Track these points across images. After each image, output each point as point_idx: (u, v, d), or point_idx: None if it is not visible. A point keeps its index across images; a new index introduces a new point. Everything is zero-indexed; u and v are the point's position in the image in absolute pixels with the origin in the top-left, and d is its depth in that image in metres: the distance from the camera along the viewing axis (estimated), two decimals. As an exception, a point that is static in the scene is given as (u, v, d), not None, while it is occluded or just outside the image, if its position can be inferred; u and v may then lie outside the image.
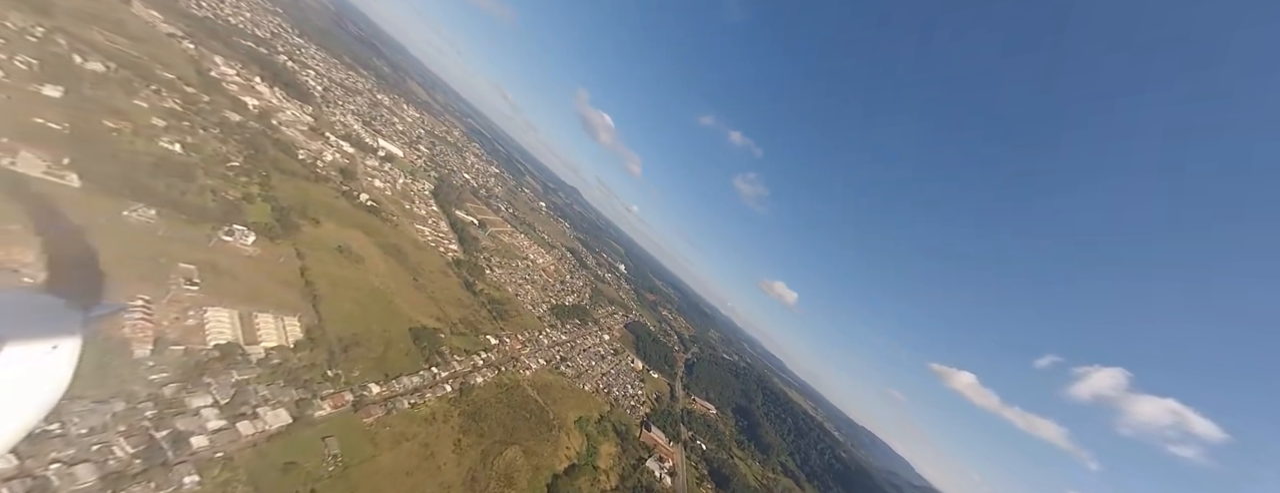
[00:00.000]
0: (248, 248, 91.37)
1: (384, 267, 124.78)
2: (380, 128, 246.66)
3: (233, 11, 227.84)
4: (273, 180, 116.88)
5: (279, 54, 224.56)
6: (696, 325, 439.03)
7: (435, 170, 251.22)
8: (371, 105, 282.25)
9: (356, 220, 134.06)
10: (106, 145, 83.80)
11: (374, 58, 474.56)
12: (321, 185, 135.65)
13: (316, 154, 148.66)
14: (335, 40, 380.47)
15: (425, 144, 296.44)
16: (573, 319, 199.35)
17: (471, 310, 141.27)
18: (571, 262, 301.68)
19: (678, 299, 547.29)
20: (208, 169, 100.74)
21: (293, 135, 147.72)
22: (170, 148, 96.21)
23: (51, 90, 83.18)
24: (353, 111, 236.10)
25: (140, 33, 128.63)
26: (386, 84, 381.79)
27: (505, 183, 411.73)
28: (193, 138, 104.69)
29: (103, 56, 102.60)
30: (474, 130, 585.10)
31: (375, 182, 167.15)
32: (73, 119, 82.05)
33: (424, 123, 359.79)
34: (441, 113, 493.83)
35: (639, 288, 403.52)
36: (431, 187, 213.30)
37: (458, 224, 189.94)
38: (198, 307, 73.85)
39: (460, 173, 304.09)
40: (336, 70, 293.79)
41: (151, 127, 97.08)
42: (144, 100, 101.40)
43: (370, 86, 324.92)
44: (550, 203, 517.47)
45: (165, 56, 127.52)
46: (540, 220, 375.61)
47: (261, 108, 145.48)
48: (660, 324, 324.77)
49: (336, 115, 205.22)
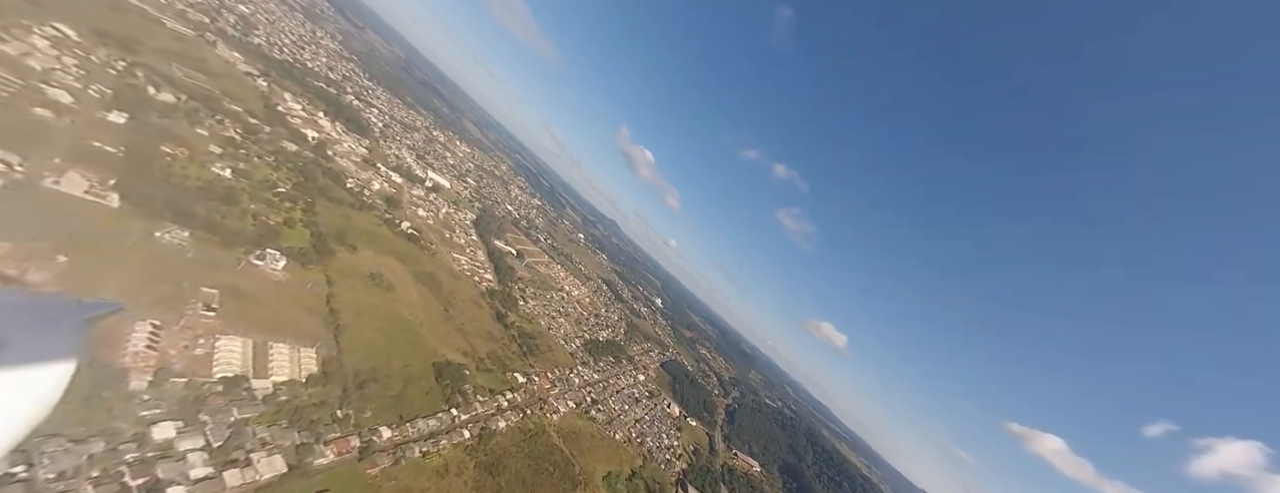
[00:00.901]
0: (277, 273, 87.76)
1: (415, 295, 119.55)
2: (432, 161, 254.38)
3: (311, 56, 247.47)
4: (317, 207, 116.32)
5: (347, 94, 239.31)
6: (737, 366, 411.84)
7: (479, 201, 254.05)
8: (427, 141, 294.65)
9: (395, 248, 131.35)
10: (157, 169, 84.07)
11: (435, 99, 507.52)
12: (365, 213, 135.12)
13: (365, 183, 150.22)
14: (401, 84, 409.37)
15: (473, 177, 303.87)
16: (606, 356, 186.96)
17: (501, 344, 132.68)
18: (607, 294, 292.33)
19: (716, 337, 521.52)
20: (254, 194, 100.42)
21: (345, 165, 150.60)
22: (221, 173, 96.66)
23: (117, 117, 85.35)
24: (408, 146, 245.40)
25: (219, 70, 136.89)
26: (443, 122, 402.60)
27: (546, 214, 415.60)
28: (245, 165, 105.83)
29: (176, 89, 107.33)
30: (521, 165, 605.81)
31: (419, 211, 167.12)
32: (130, 143, 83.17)
33: (474, 158, 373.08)
34: (492, 149, 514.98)
35: (676, 324, 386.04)
36: (473, 216, 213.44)
37: (495, 254, 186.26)
38: (211, 335, 68.72)
39: (504, 204, 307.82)
40: (398, 109, 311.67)
41: (207, 153, 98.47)
42: (206, 129, 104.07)
43: (428, 124, 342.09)
44: (589, 235, 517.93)
45: (237, 92, 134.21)
46: (578, 252, 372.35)
47: (319, 139, 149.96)
48: (698, 364, 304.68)
49: (392, 149, 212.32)
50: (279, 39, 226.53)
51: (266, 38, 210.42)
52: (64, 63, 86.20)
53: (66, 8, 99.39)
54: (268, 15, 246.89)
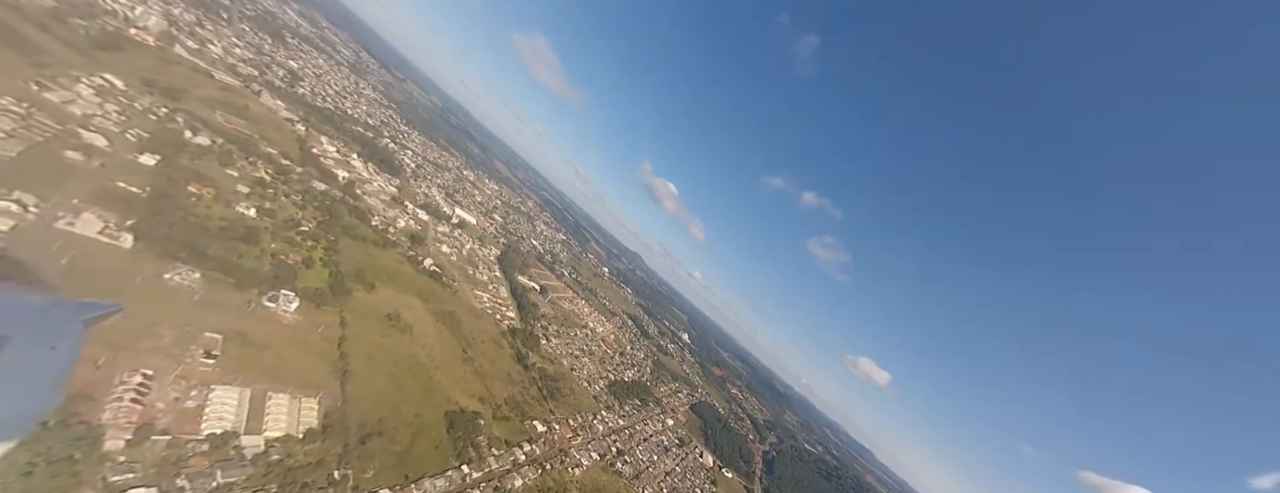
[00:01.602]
0: (288, 315, 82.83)
1: (433, 336, 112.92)
2: (460, 199, 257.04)
3: (352, 104, 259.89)
4: (339, 245, 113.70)
5: (383, 137, 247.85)
6: (771, 407, 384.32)
7: (505, 237, 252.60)
8: (457, 180, 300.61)
9: (415, 286, 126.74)
10: (179, 209, 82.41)
11: (467, 141, 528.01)
12: (389, 250, 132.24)
13: (391, 221, 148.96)
14: (436, 128, 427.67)
15: (500, 213, 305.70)
16: (633, 399, 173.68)
17: (521, 388, 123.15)
18: (632, 330, 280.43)
19: (747, 375, 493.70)
20: (276, 233, 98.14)
21: (373, 203, 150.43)
22: (244, 212, 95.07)
23: (148, 159, 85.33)
24: (438, 185, 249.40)
25: (259, 116, 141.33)
26: (474, 162, 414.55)
27: (571, 249, 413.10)
28: (271, 204, 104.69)
29: (213, 133, 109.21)
30: (547, 201, 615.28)
31: (443, 247, 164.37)
32: (156, 184, 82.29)
33: (502, 195, 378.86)
34: (519, 186, 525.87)
35: (704, 361, 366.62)
36: (498, 252, 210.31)
37: (518, 290, 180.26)
38: (206, 385, 62.69)
39: (529, 239, 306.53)
40: (432, 151, 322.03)
41: (234, 193, 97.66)
42: (236, 170, 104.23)
43: (459, 164, 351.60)
44: (613, 268, 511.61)
45: (274, 136, 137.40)
46: (602, 286, 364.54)
47: (350, 179, 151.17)
48: (730, 405, 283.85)
49: (421, 188, 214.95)
50: (323, 89, 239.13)
51: (311, 88, 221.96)
52: (105, 109, 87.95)
53: (119, 61, 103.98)
54: (315, 69, 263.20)
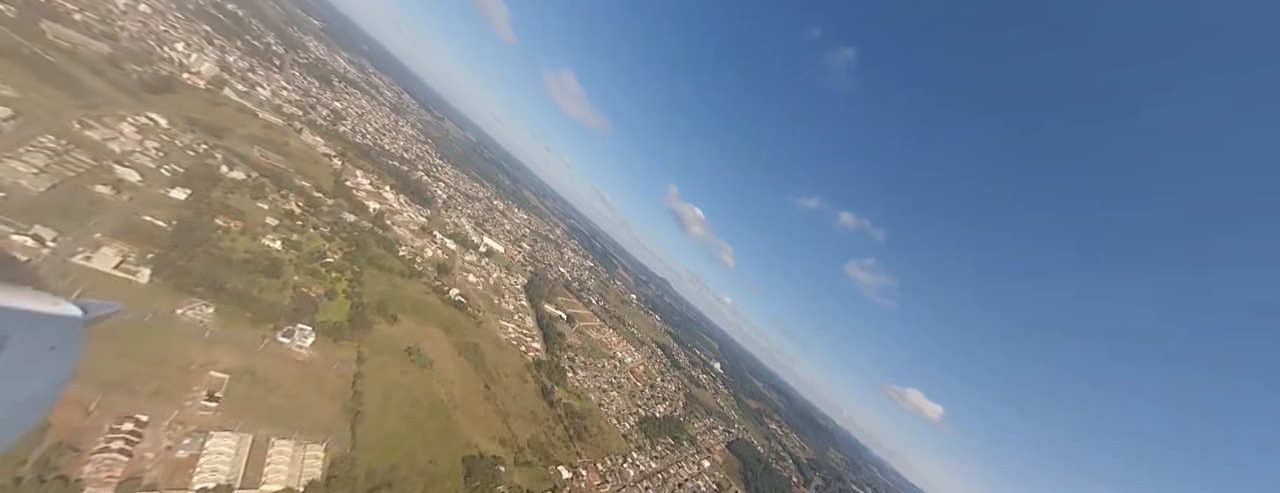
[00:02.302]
0: (303, 351, 77.80)
1: (454, 371, 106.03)
2: (489, 227, 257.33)
3: (390, 141, 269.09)
4: (365, 276, 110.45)
5: (417, 171, 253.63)
6: (813, 444, 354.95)
7: (532, 265, 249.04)
8: (487, 209, 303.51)
9: (439, 317, 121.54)
10: (204, 242, 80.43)
11: (499, 173, 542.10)
12: (414, 281, 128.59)
13: (418, 251, 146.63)
14: (469, 161, 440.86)
15: (528, 241, 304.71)
16: (665, 437, 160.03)
17: (545, 427, 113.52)
18: (663, 360, 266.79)
19: (785, 407, 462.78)
20: (300, 265, 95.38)
21: (401, 234, 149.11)
22: (270, 245, 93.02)
23: (179, 193, 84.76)
24: (469, 215, 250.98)
25: (298, 152, 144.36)
26: (504, 192, 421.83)
27: (598, 275, 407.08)
28: (299, 236, 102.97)
29: (249, 167, 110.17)
30: (574, 229, 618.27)
31: (469, 276, 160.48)
32: (184, 218, 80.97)
33: (531, 223, 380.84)
34: (548, 215, 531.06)
35: (738, 393, 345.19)
36: (525, 280, 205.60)
37: (544, 319, 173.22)
38: (205, 431, 56.89)
39: (556, 267, 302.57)
40: (464, 182, 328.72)
41: (262, 225, 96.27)
42: (267, 203, 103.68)
43: (490, 194, 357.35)
44: (641, 295, 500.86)
45: (310, 170, 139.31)
46: (630, 313, 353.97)
47: (381, 210, 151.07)
48: (769, 443, 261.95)
49: (451, 217, 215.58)
50: (363, 127, 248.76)
51: (352, 126, 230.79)
52: (145, 146, 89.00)
53: (167, 102, 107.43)
54: (358, 109, 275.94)
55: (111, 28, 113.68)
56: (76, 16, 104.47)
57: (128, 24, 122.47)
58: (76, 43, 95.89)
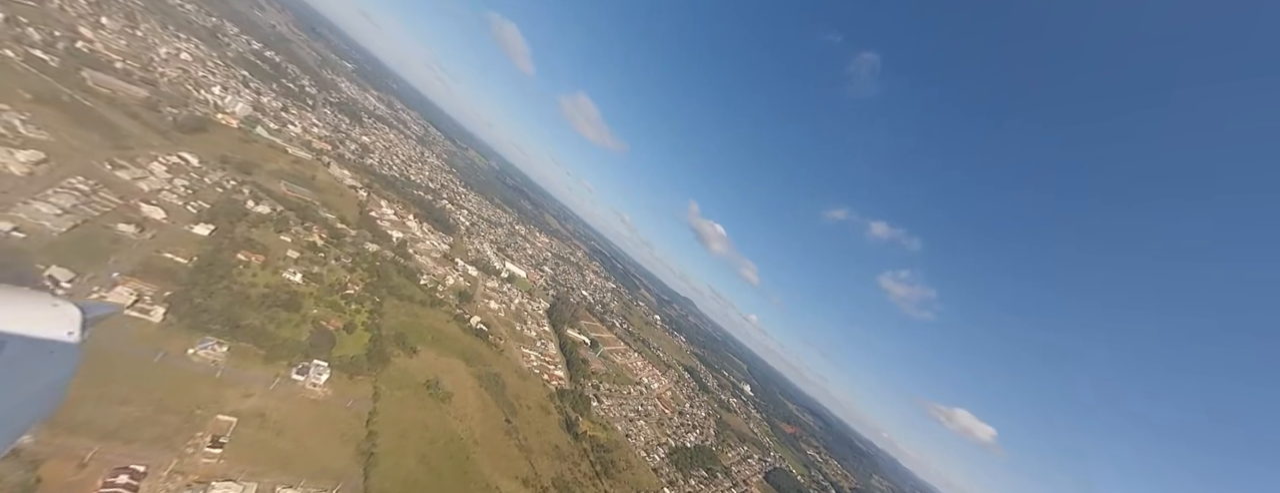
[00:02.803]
0: (317, 389, 73.85)
1: (474, 404, 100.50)
2: (511, 252, 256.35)
3: (416, 172, 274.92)
4: (385, 306, 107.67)
5: (442, 199, 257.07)
6: (855, 471, 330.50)
7: (554, 288, 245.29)
8: (509, 235, 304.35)
9: (460, 347, 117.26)
10: (223, 278, 78.80)
11: (521, 199, 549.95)
12: (435, 310, 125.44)
13: (440, 279, 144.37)
14: (492, 188, 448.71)
15: (550, 265, 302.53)
16: (697, 469, 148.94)
17: (570, 464, 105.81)
18: (691, 384, 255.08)
19: (821, 431, 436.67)
20: (320, 298, 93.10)
21: (423, 262, 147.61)
22: (290, 278, 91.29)
23: (202, 229, 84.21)
24: (491, 240, 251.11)
25: (325, 185, 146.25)
26: (526, 218, 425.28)
27: (621, 297, 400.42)
28: (320, 268, 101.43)
29: (275, 202, 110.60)
30: (596, 250, 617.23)
31: (491, 303, 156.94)
32: (205, 253, 79.84)
33: (552, 247, 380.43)
34: (569, 238, 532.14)
35: (772, 416, 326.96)
36: (547, 305, 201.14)
37: (567, 345, 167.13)
38: (205, 481, 52.49)
39: (578, 290, 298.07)
40: (486, 209, 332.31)
41: (284, 259, 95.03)
42: (290, 236, 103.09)
43: (512, 220, 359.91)
44: (665, 315, 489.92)
45: (336, 202, 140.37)
46: (655, 335, 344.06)
47: (403, 239, 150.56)
48: (809, 471, 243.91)
49: (474, 244, 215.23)
50: (390, 160, 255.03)
51: (379, 159, 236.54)
52: (174, 184, 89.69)
53: (199, 141, 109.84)
54: (385, 142, 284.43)
55: (151, 74, 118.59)
56: (118, 65, 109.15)
57: (168, 71, 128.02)
58: (115, 89, 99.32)
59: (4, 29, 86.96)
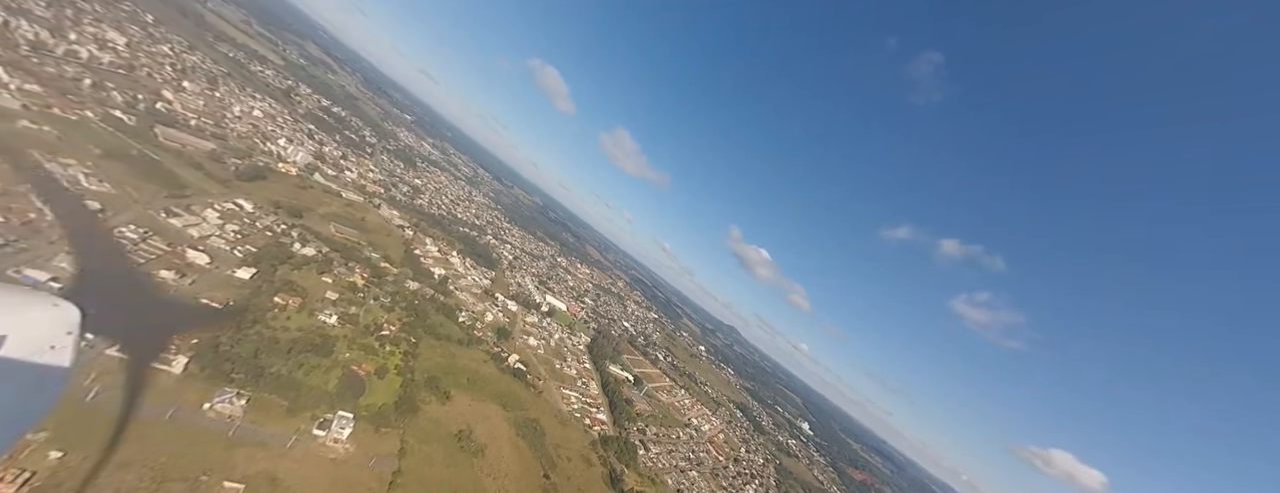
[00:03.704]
0: (338, 445, 66.36)
1: (510, 458, 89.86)
2: (552, 285, 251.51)
3: (463, 209, 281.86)
4: (420, 347, 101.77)
5: (486, 235, 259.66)
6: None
7: (596, 321, 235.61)
8: (551, 267, 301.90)
9: (496, 389, 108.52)
10: (257, 322, 75.25)
11: (563, 232, 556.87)
12: (472, 349, 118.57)
13: (479, 315, 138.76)
14: (535, 223, 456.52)
15: (591, 297, 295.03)
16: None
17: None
18: (744, 425, 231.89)
19: (893, 475, 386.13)
20: (353, 341, 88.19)
21: (463, 298, 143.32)
22: (326, 320, 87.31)
23: (244, 272, 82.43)
24: (532, 273, 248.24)
25: (373, 226, 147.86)
26: (568, 250, 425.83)
27: (663, 327, 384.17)
28: (357, 308, 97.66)
29: (321, 243, 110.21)
30: (636, 279, 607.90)
31: (530, 340, 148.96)
32: (241, 297, 77.13)
33: (593, 277, 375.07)
34: (610, 268, 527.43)
35: (836, 459, 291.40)
36: (588, 339, 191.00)
37: (610, 384, 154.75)
38: (196, 569, 44.41)
39: (620, 321, 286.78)
40: (529, 242, 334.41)
41: (322, 300, 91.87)
42: (332, 277, 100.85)
43: (553, 252, 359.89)
44: (710, 346, 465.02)
45: (382, 241, 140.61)
46: (701, 369, 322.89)
47: (445, 275, 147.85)
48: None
49: (515, 278, 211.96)
50: (439, 199, 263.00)
51: (429, 199, 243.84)
52: (225, 230, 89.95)
53: (257, 189, 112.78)
54: (436, 184, 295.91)
55: (222, 129, 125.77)
56: (192, 122, 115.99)
57: (238, 126, 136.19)
58: (184, 143, 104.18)
59: (90, 92, 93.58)
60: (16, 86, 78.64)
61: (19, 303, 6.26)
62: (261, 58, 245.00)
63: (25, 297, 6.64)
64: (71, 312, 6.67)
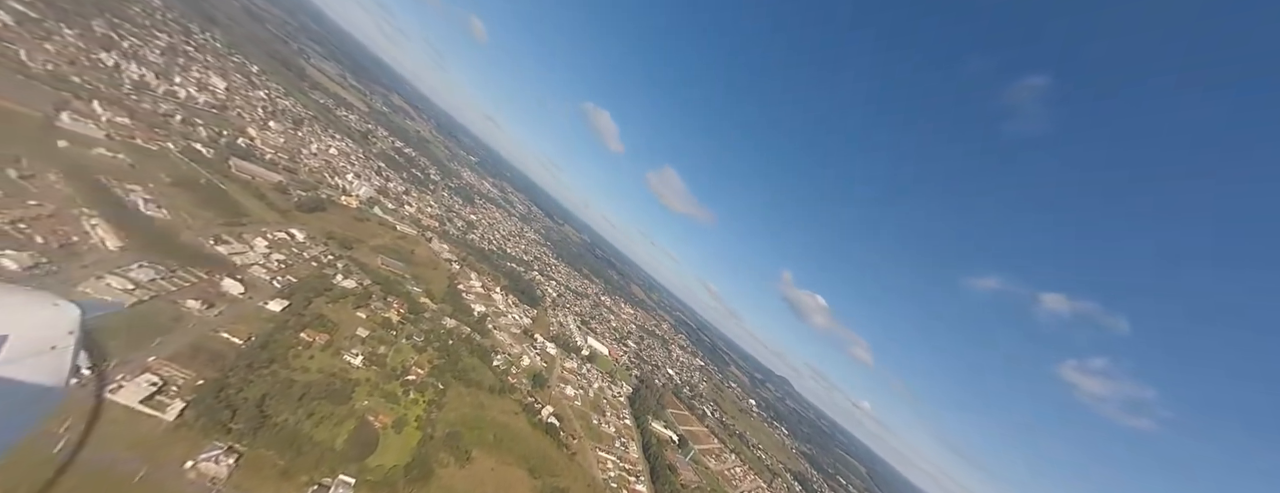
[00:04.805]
0: (329, 521, 54.66)
1: (531, 542, 73.79)
2: (595, 326, 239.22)
3: (513, 245, 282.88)
4: (448, 395, 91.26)
5: (532, 271, 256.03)
6: None
7: (638, 368, 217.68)
8: (594, 306, 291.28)
9: (525, 450, 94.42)
10: (275, 361, 68.20)
11: (608, 270, 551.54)
12: (504, 398, 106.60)
13: (515, 359, 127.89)
14: (582, 260, 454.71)
15: (634, 339, 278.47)
16: None
17: None
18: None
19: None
20: (376, 386, 79.22)
21: (501, 339, 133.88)
22: (350, 361, 79.50)
23: (276, 305, 77.39)
24: (575, 312, 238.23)
25: (421, 259, 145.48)
26: (612, 288, 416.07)
27: (710, 376, 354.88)
28: (387, 348, 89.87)
29: (364, 275, 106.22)
30: (681, 321, 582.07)
31: (567, 389, 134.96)
32: (265, 332, 71.08)
33: (637, 318, 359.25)
34: (654, 308, 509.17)
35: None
36: (629, 390, 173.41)
37: (651, 445, 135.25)
38: None
39: (664, 368, 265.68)
40: (574, 280, 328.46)
41: (350, 337, 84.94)
42: (367, 312, 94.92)
43: (597, 290, 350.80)
44: (760, 399, 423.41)
45: (427, 274, 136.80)
46: (752, 427, 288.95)
47: (485, 313, 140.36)
48: None
49: (557, 317, 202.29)
50: (491, 235, 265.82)
51: (481, 234, 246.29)
52: (270, 259, 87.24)
53: (314, 219, 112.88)
54: (490, 219, 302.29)
55: (295, 164, 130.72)
56: (268, 156, 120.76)
57: (312, 162, 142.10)
58: (255, 174, 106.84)
59: (177, 127, 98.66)
60: (107, 119, 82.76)
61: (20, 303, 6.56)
62: (348, 105, 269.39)
63: (26, 297, 6.64)
64: (72, 311, 7.11)
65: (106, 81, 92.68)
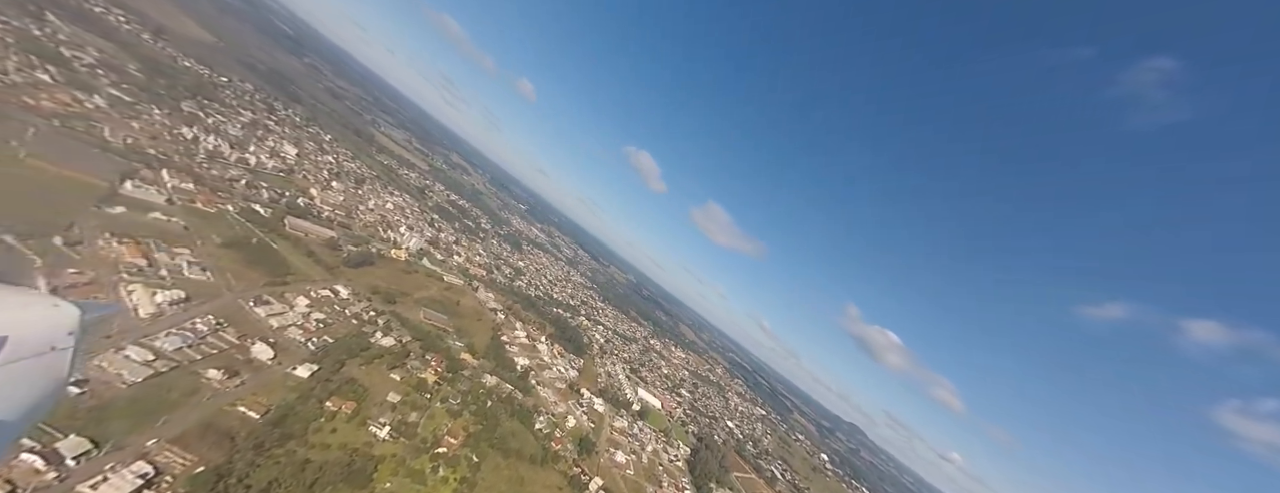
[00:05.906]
0: None
1: None
2: (645, 373, 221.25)
3: (559, 289, 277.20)
4: (482, 469, 78.95)
5: (579, 316, 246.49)
6: None
7: (695, 422, 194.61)
8: (643, 351, 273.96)
9: (570, 537, 78.31)
10: (291, 437, 59.95)
11: (656, 310, 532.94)
12: (546, 469, 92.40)
13: (559, 420, 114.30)
14: (629, 302, 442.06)
15: (687, 387, 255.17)
16: None
17: None
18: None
19: None
20: (402, 462, 68.81)
21: (545, 395, 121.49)
22: (376, 433, 70.20)
23: (304, 370, 70.95)
24: (624, 359, 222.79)
25: (466, 310, 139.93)
26: (661, 330, 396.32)
27: (774, 428, 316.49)
28: (418, 414, 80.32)
29: (405, 331, 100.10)
30: (736, 364, 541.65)
31: (618, 454, 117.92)
32: (285, 403, 63.79)
33: (689, 363, 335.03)
34: (705, 350, 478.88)
35: None
36: (686, 451, 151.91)
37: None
38: None
39: (722, 420, 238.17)
40: (622, 323, 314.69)
41: (380, 404, 76.42)
42: (402, 373, 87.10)
43: (646, 333, 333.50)
44: (831, 452, 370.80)
45: (471, 326, 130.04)
46: (828, 488, 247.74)
47: (528, 367, 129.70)
48: None
49: (605, 366, 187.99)
50: (538, 280, 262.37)
51: (528, 280, 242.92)
52: (308, 318, 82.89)
53: (360, 274, 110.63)
54: (537, 265, 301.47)
55: (350, 220, 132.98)
56: (325, 214, 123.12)
57: (368, 217, 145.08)
58: (308, 232, 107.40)
59: (241, 190, 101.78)
60: (173, 185, 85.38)
61: (19, 303, 5.86)
62: (410, 165, 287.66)
63: (25, 297, 6.07)
64: (71, 311, 6.15)
65: (181, 153, 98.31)
